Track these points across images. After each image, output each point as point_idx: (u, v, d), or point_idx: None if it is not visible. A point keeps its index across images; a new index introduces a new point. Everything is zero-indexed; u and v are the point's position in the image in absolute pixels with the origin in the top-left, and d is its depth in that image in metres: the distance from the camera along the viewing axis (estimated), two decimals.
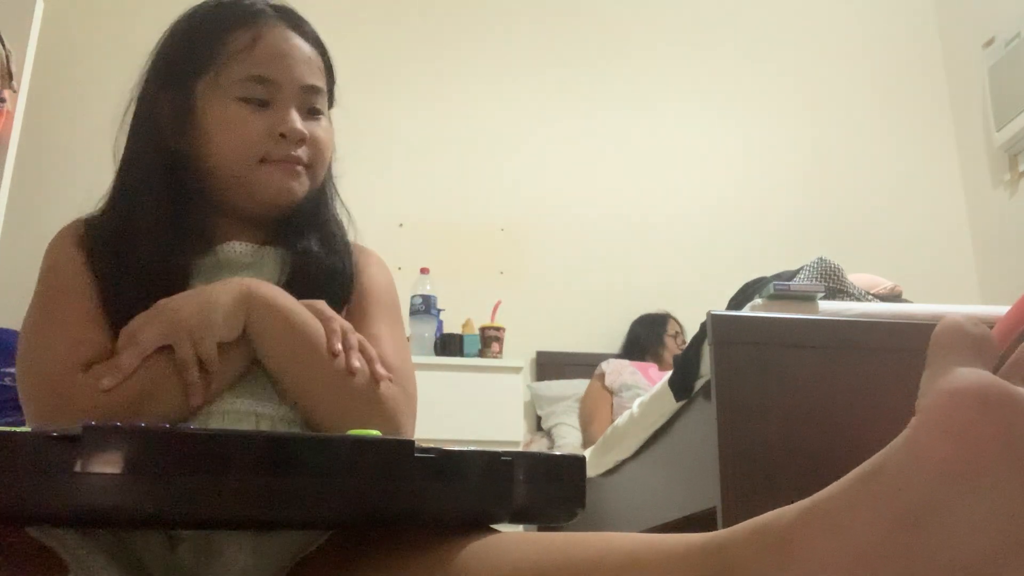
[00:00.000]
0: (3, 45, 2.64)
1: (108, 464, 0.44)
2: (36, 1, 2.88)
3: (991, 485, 0.32)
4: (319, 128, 0.94)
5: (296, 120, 0.90)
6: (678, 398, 1.74)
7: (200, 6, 0.95)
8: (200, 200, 0.92)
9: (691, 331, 2.80)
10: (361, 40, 3.74)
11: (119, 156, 0.94)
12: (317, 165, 0.94)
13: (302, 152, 0.91)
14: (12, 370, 1.43)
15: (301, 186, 0.92)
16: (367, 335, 0.90)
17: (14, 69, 2.70)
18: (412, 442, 0.49)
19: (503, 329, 3.33)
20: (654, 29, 4.03)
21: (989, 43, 3.73)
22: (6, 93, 2.66)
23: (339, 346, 0.81)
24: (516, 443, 3.05)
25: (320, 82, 0.94)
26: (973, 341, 0.35)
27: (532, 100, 3.85)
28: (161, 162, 0.91)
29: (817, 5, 4.17)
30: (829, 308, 1.63)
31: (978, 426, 0.32)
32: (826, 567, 0.34)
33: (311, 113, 0.94)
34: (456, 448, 0.51)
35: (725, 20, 4.08)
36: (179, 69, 0.92)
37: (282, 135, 0.89)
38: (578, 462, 0.57)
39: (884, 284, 2.20)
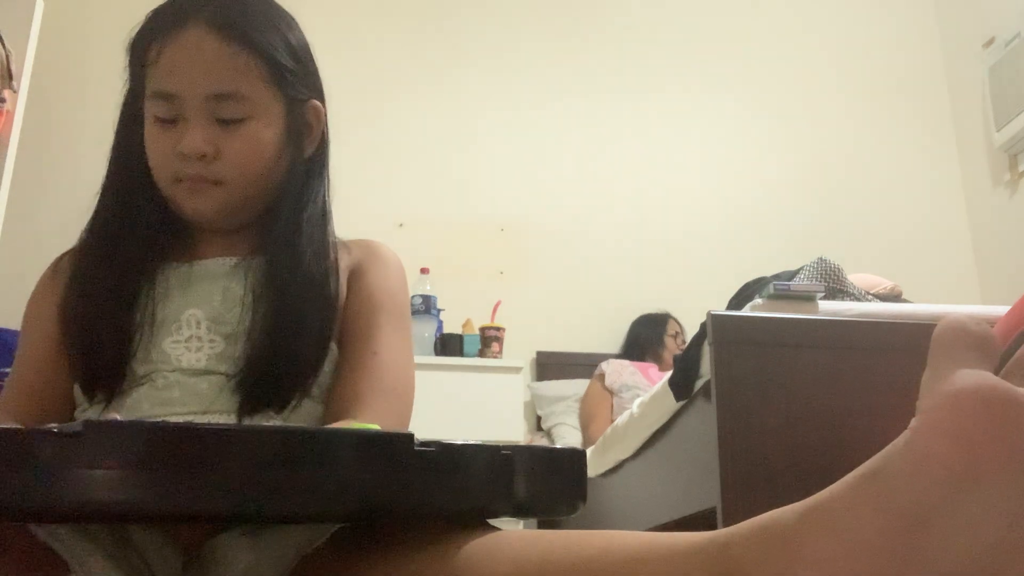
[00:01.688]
0: (3, 45, 2.64)
1: (109, 460, 0.44)
2: (36, 1, 2.88)
3: (992, 486, 0.32)
4: (234, 138, 0.87)
5: (193, 136, 0.85)
6: (678, 398, 1.74)
7: (147, 15, 0.92)
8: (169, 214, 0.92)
9: (691, 331, 2.80)
10: (361, 41, 3.74)
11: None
12: (235, 178, 0.88)
13: (210, 168, 0.87)
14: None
15: (211, 203, 0.89)
16: (367, 348, 0.90)
17: (14, 69, 2.70)
18: (412, 435, 0.49)
19: (503, 329, 3.33)
20: (655, 30, 4.03)
21: (989, 43, 3.73)
22: (6, 93, 2.66)
23: None
24: (516, 443, 3.04)
25: (236, 86, 0.86)
26: (975, 340, 0.35)
27: (532, 100, 3.85)
28: (134, 177, 0.91)
29: (817, 6, 4.17)
30: (829, 308, 1.63)
31: (979, 428, 0.32)
32: (827, 567, 0.34)
33: (225, 123, 0.87)
34: (456, 442, 0.51)
35: (725, 21, 4.08)
36: (131, 84, 0.92)
37: (181, 153, 0.86)
38: (578, 456, 0.57)
39: (884, 284, 2.20)
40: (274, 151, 0.90)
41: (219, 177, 0.88)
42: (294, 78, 0.92)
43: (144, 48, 0.89)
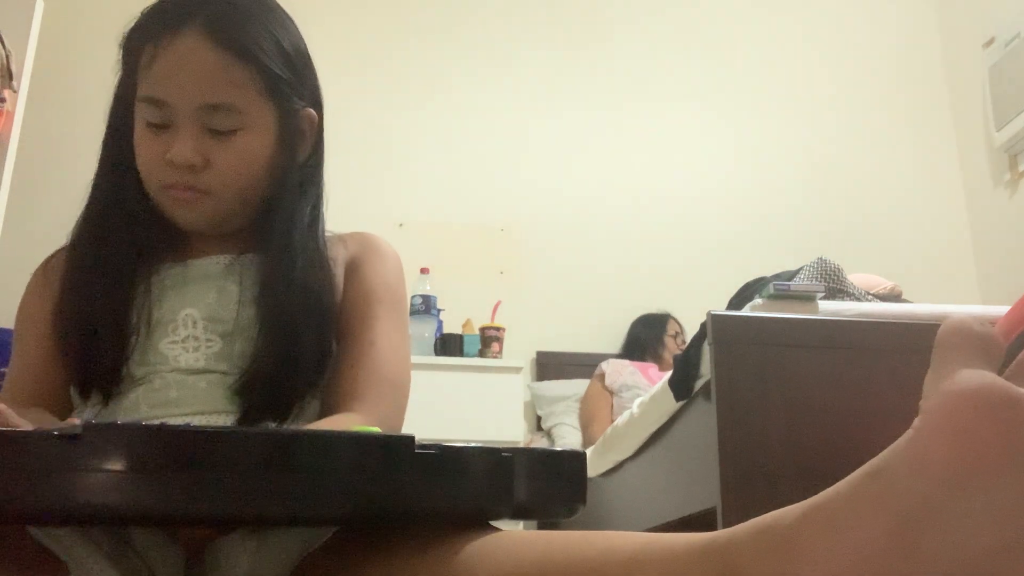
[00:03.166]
0: (3, 45, 2.64)
1: (108, 462, 0.44)
2: (36, 1, 2.88)
3: (993, 487, 0.32)
4: (225, 149, 0.86)
5: (183, 146, 0.85)
6: (678, 398, 1.74)
7: (143, 11, 0.90)
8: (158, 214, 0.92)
9: (691, 331, 2.80)
10: (361, 41, 3.74)
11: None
12: (224, 189, 0.87)
13: (199, 178, 0.86)
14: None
15: (199, 213, 0.88)
16: (364, 339, 0.90)
17: (14, 69, 2.70)
18: (412, 438, 0.49)
19: (503, 329, 3.33)
20: (654, 28, 4.03)
21: (989, 43, 3.73)
22: (6, 93, 2.66)
23: None
24: (516, 443, 3.05)
25: (229, 97, 0.85)
26: (979, 341, 0.35)
27: (532, 99, 3.85)
28: (125, 174, 0.91)
29: (818, 6, 4.17)
30: (829, 308, 1.63)
31: (981, 428, 0.32)
32: (829, 567, 0.33)
33: (216, 133, 0.86)
34: (456, 444, 0.51)
35: (726, 19, 4.08)
36: (122, 83, 0.91)
37: (170, 161, 0.85)
38: (578, 458, 0.57)
39: (884, 284, 2.20)
40: (265, 162, 0.90)
41: (208, 187, 0.87)
42: (288, 88, 0.90)
43: (138, 48, 0.88)
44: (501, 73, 3.87)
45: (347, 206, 1.03)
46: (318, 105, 0.96)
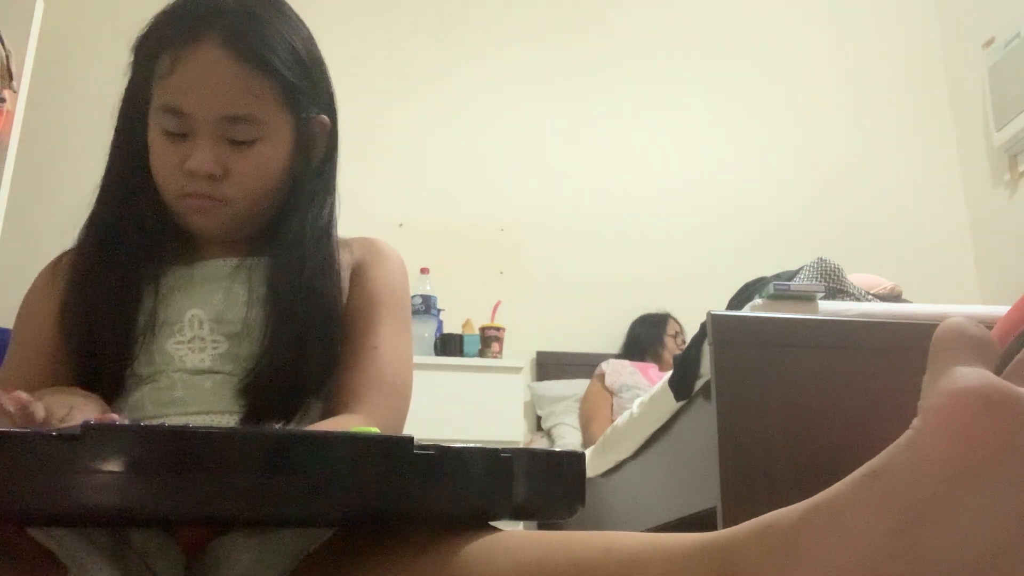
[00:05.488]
0: (3, 45, 2.64)
1: (107, 463, 0.44)
2: (36, 1, 2.88)
3: (993, 485, 0.32)
4: (244, 159, 0.87)
5: (203, 156, 0.85)
6: (678, 398, 1.74)
7: (157, 14, 0.90)
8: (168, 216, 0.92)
9: (691, 331, 2.80)
10: (362, 42, 3.74)
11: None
12: (242, 198, 0.88)
13: (217, 188, 0.87)
14: None
15: (216, 222, 0.89)
16: (367, 343, 0.90)
17: (14, 69, 2.70)
18: (411, 439, 0.49)
19: (503, 329, 3.33)
20: (654, 28, 4.03)
21: (989, 43, 3.73)
22: (6, 93, 2.66)
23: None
24: (516, 443, 3.05)
25: (249, 109, 0.86)
26: (973, 342, 0.35)
27: (532, 100, 3.85)
28: (135, 177, 0.91)
29: (818, 6, 4.17)
30: (829, 308, 1.63)
31: (980, 426, 0.32)
32: (830, 567, 0.33)
33: (235, 143, 0.86)
34: (455, 445, 0.51)
35: (725, 19, 4.08)
36: (134, 86, 0.91)
37: (189, 171, 0.86)
38: (577, 458, 0.57)
39: (884, 284, 2.20)
40: (281, 170, 0.91)
41: (226, 197, 0.88)
42: (305, 98, 0.91)
43: (153, 55, 0.87)
44: (501, 73, 3.87)
45: (347, 206, 1.03)
46: (332, 111, 0.97)
